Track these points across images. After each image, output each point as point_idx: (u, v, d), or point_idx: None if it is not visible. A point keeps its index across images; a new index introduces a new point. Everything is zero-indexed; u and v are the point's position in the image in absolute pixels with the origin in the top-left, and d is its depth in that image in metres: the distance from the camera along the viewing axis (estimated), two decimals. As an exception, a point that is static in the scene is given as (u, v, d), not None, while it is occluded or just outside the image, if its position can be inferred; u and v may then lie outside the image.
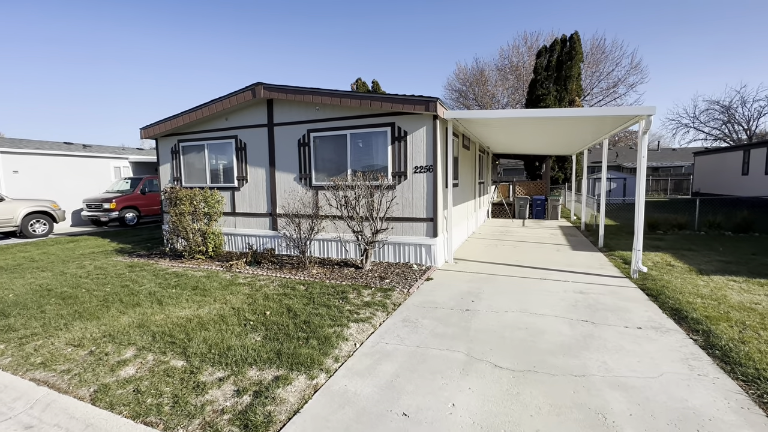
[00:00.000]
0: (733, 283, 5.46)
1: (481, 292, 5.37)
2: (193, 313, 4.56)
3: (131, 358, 3.51)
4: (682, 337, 3.78)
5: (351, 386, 3.00)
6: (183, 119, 8.43)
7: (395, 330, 4.08)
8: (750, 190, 16.45)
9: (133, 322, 4.32)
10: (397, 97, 6.43)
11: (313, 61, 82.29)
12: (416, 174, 6.79)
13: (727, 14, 48.50)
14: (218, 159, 8.69)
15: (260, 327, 4.12)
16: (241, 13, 76.66)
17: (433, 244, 6.78)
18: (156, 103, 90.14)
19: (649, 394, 2.81)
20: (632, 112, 5.70)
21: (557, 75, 20.26)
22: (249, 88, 7.60)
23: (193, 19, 79.08)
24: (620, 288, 5.47)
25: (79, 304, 4.97)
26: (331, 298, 5.04)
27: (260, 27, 79.83)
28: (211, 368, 3.29)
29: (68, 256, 8.34)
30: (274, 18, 76.72)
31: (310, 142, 7.57)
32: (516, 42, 39.81)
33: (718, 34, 52.56)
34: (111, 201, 13.66)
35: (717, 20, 49.99)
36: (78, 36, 74.67)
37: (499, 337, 3.86)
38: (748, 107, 36.71)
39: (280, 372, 3.19)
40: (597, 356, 3.41)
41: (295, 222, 6.83)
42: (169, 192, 7.88)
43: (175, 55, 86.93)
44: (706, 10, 48.77)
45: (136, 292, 5.43)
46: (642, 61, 36.82)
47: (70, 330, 4.14)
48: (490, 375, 3.13)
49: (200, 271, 6.77)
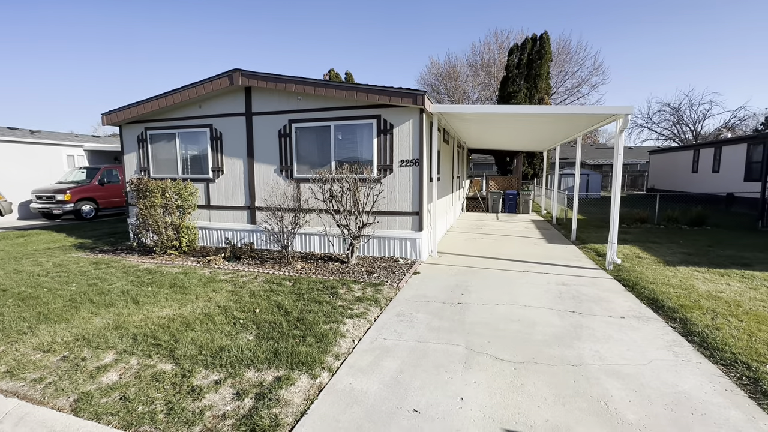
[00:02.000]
0: (698, 273, 5.87)
1: (469, 285, 5.44)
2: (175, 313, 4.30)
3: (112, 363, 3.25)
4: (662, 325, 4.02)
5: (356, 384, 2.94)
6: (152, 105, 7.87)
7: (391, 325, 4.05)
8: (699, 186, 17.80)
9: (108, 324, 4.00)
10: (385, 89, 6.33)
11: (281, 47, 79.77)
12: (402, 168, 6.75)
13: (681, 21, 52.02)
14: (191, 149, 8.21)
15: (251, 325, 3.94)
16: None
17: (418, 238, 6.79)
18: (101, 89, 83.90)
19: (643, 381, 2.96)
20: (610, 111, 5.95)
21: (528, 73, 20.84)
22: (226, 74, 7.21)
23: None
24: (598, 279, 5.73)
25: (43, 305, 4.54)
26: (321, 293, 4.92)
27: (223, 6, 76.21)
28: (205, 371, 3.11)
29: (20, 253, 7.62)
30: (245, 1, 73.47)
31: (292, 133, 7.31)
32: (487, 39, 40.48)
33: (670, 44, 56.28)
34: (65, 192, 12.63)
35: (671, 27, 53.51)
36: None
37: (494, 329, 3.93)
38: (695, 110, 39.64)
39: (280, 372, 3.06)
40: (589, 346, 3.54)
41: (278, 215, 6.59)
42: (136, 183, 7.35)
43: (130, 37, 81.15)
44: (662, 18, 52.02)
45: (107, 291, 5.04)
46: (604, 63, 38.75)
47: (36, 334, 3.77)
48: (492, 368, 3.17)
49: (175, 267, 6.39)
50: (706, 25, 51.74)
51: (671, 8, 49.69)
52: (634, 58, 57.87)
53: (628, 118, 5.74)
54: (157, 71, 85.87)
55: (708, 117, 37.62)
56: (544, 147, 14.11)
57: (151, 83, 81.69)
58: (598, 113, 6.09)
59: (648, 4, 49.37)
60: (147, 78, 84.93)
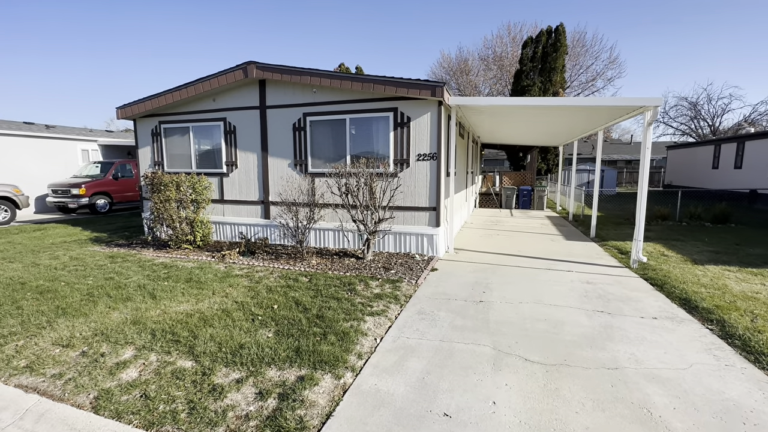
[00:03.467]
0: (729, 273, 5.63)
1: (489, 282, 5.29)
2: (193, 308, 4.23)
3: (131, 359, 3.19)
4: (698, 327, 3.82)
5: (382, 385, 2.82)
6: (165, 99, 7.83)
7: (413, 323, 3.93)
8: (720, 183, 17.29)
9: (126, 319, 3.94)
10: (403, 80, 6.16)
11: (288, 43, 79.64)
12: (419, 162, 6.59)
13: (699, 17, 50.59)
14: (204, 143, 8.15)
15: (270, 322, 3.85)
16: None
17: (435, 233, 6.64)
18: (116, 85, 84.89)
19: (685, 387, 2.79)
20: (638, 103, 5.70)
21: (542, 66, 20.39)
22: (240, 66, 7.11)
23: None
24: (624, 278, 5.53)
25: (61, 299, 4.51)
26: (338, 290, 4.82)
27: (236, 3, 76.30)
28: (225, 368, 3.02)
29: (38, 246, 7.66)
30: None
31: (306, 127, 7.20)
32: (500, 32, 39.87)
33: (689, 37, 54.75)
34: (80, 186, 12.72)
35: (688, 22, 52.07)
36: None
37: (520, 329, 3.78)
38: (713, 104, 38.42)
39: (302, 371, 2.96)
40: (623, 348, 3.38)
41: (293, 210, 6.50)
42: (151, 177, 7.32)
43: (142, 34, 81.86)
44: (681, 13, 50.63)
45: (124, 285, 5.00)
46: (619, 56, 37.85)
47: (54, 328, 3.73)
48: (522, 370, 3.03)
49: (190, 261, 6.35)
50: (725, 20, 50.21)
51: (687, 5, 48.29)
52: (651, 53, 56.50)
53: (657, 110, 5.49)
54: (161, 67, 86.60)
55: (727, 111, 36.65)
56: (559, 142, 13.79)
57: (155, 79, 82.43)
58: (625, 105, 5.84)
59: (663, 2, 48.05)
60: (155, 73, 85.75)
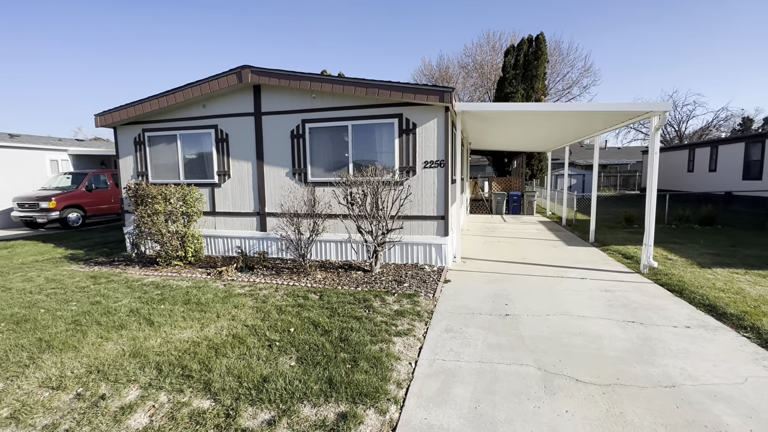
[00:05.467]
0: (738, 276, 5.67)
1: (508, 294, 5.09)
2: (198, 335, 3.81)
3: (138, 401, 2.76)
4: (735, 335, 3.74)
5: (433, 419, 2.54)
6: (151, 105, 7.31)
7: (444, 343, 3.66)
8: (695, 185, 17.99)
9: (123, 351, 3.49)
10: (409, 86, 5.96)
11: (271, 50, 78.60)
12: (426, 169, 6.38)
13: (664, 27, 53.48)
14: (194, 151, 7.67)
15: (290, 348, 3.49)
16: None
17: (444, 243, 6.42)
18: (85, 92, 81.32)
19: (751, 404, 2.64)
20: (647, 108, 5.72)
21: (524, 74, 20.79)
22: (234, 71, 6.72)
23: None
24: (640, 284, 5.46)
25: (42, 329, 3.98)
26: (354, 308, 4.49)
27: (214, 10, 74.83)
28: (251, 408, 2.66)
29: (5, 267, 6.94)
30: (233, 5, 72.23)
31: (305, 134, 6.86)
32: (480, 41, 40.62)
33: (655, 42, 57.78)
34: (49, 199, 11.82)
35: (656, 31, 54.97)
36: None
37: (559, 345, 3.58)
38: (679, 110, 40.46)
39: (341, 407, 2.63)
40: (671, 362, 3.22)
41: (295, 222, 6.13)
42: (135, 189, 6.78)
43: (115, 36, 78.90)
44: (647, 24, 53.37)
45: (114, 310, 4.50)
46: (594, 65, 39.26)
47: (40, 366, 3.24)
48: (577, 392, 2.81)
49: (184, 280, 5.86)
50: (688, 28, 53.32)
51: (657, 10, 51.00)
52: (620, 60, 59.10)
53: (666, 116, 5.51)
54: (139, 72, 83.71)
55: (692, 117, 38.56)
56: (549, 147, 13.97)
57: (129, 86, 79.50)
58: (634, 110, 5.85)
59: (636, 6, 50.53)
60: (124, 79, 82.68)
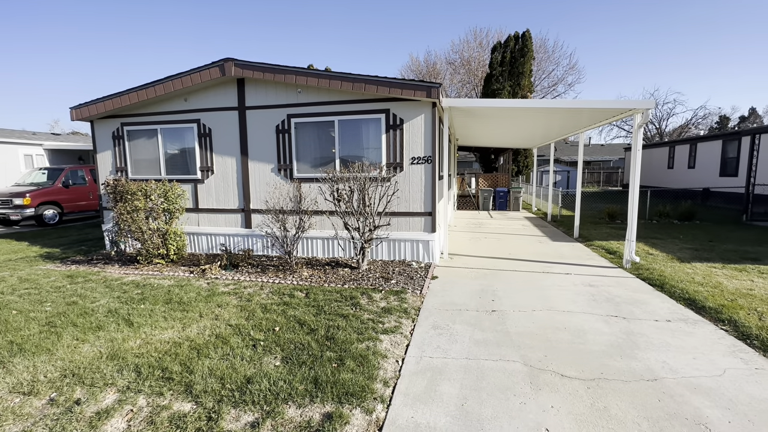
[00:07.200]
0: (716, 270, 5.83)
1: (495, 290, 5.12)
2: (180, 335, 3.71)
3: (115, 406, 2.66)
4: (713, 329, 3.83)
5: (420, 417, 2.52)
6: (129, 98, 7.06)
7: (431, 340, 3.65)
8: (675, 182, 18.47)
9: (100, 353, 3.37)
10: (396, 81, 5.90)
11: (258, 46, 77.22)
12: (413, 165, 6.35)
13: (646, 27, 54.50)
14: (175, 146, 7.45)
15: (275, 348, 3.43)
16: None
17: (431, 239, 6.42)
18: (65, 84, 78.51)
19: (729, 396, 2.71)
20: (630, 106, 5.80)
21: (511, 70, 20.93)
22: (216, 63, 6.54)
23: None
24: (622, 279, 5.57)
25: (14, 331, 3.82)
26: (341, 305, 4.45)
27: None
28: (234, 410, 2.59)
29: (-24, 266, 6.64)
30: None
31: (291, 129, 6.74)
32: (467, 37, 40.70)
33: (638, 42, 58.91)
34: (24, 196, 11.37)
35: (637, 32, 56.00)
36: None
37: (544, 340, 3.61)
38: (660, 108, 41.41)
39: (327, 408, 2.59)
40: (653, 356, 3.28)
41: (280, 219, 6.03)
42: (114, 185, 6.55)
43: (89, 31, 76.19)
44: (628, 24, 54.29)
45: (91, 311, 4.34)
46: (578, 62, 39.80)
47: (10, 371, 3.09)
48: (563, 388, 2.84)
49: (165, 278, 5.71)
50: (671, 27, 54.50)
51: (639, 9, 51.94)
52: (602, 57, 60.15)
53: (648, 113, 5.59)
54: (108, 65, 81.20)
55: (672, 115, 39.55)
56: (535, 144, 14.11)
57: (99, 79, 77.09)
58: (618, 107, 5.93)
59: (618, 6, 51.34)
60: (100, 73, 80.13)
